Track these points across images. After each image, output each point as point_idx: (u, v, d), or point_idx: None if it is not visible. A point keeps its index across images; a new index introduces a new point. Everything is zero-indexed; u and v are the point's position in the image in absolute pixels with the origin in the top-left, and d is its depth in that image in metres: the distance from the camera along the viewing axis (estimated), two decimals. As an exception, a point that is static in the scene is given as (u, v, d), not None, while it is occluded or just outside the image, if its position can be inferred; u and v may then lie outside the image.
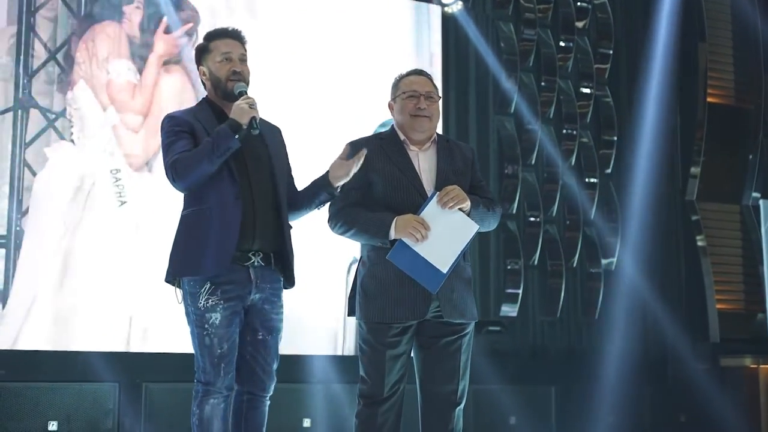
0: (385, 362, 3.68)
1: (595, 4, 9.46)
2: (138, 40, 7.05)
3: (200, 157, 3.49)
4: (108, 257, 6.77)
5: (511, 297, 8.53)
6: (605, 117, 9.34)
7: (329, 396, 6.78)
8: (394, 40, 8.14)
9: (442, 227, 3.60)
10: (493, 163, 8.68)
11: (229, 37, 3.73)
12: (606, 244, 9.13)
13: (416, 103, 3.81)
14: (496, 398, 7.62)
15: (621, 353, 8.89)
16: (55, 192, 6.65)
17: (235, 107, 3.50)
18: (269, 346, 3.66)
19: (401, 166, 3.76)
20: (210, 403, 3.53)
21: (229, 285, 3.53)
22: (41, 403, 6.17)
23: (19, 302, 6.45)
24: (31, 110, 6.65)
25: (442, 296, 3.66)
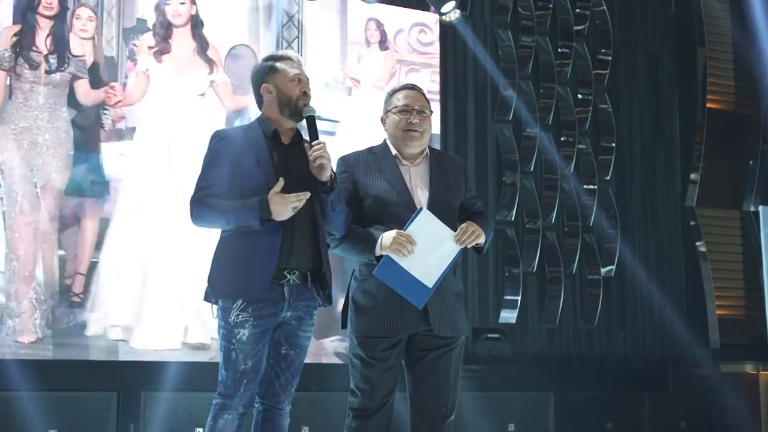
0: (375, 376, 3.69)
1: (593, 10, 9.46)
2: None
3: (219, 215, 3.58)
4: (110, 264, 6.80)
5: (510, 304, 8.53)
6: (604, 123, 9.35)
7: (327, 404, 6.77)
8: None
9: (428, 243, 3.60)
10: (491, 171, 8.69)
11: (294, 61, 3.82)
12: (605, 250, 9.13)
13: (408, 118, 3.81)
14: (495, 405, 7.60)
15: (620, 360, 8.90)
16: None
17: (280, 203, 3.50)
18: (291, 362, 3.68)
19: (392, 181, 3.77)
20: (224, 417, 3.57)
21: (262, 303, 3.56)
22: (40, 412, 6.16)
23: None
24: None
25: (432, 310, 3.66)
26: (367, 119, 7.54)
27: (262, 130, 3.75)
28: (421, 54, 8.27)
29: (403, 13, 8.25)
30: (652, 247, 9.46)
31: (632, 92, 9.66)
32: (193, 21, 7.26)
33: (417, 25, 8.29)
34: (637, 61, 9.72)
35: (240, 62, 7.35)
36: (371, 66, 7.98)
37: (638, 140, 9.58)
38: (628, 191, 9.44)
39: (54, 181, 6.67)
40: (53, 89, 6.73)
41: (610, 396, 8.20)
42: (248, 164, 3.62)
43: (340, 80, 7.82)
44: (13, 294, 6.48)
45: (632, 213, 9.42)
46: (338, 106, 7.66)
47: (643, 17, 9.82)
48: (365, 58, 7.96)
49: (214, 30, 7.32)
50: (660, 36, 9.89)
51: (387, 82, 7.94)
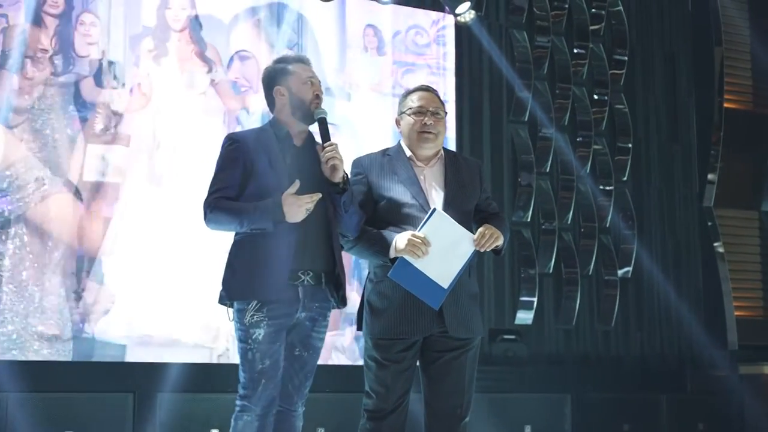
0: (390, 378, 3.69)
1: (609, 11, 9.44)
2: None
3: (233, 218, 3.59)
4: (128, 265, 6.83)
5: (526, 305, 8.51)
6: (620, 124, 9.32)
7: (343, 405, 6.77)
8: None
9: (443, 243, 3.59)
10: (507, 171, 8.67)
11: (306, 63, 3.83)
12: (622, 251, 9.10)
13: (423, 119, 3.81)
14: (511, 406, 7.60)
15: (638, 361, 8.87)
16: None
17: (294, 204, 3.52)
18: (305, 363, 3.69)
19: (407, 183, 3.76)
20: (243, 419, 3.58)
21: (276, 303, 3.57)
22: (56, 413, 6.19)
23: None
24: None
25: (447, 312, 3.66)
26: (366, 124, 7.64)
27: (275, 133, 3.75)
28: (418, 56, 8.24)
29: (400, 16, 8.21)
30: (669, 247, 9.42)
31: (649, 92, 9.62)
32: (192, 25, 7.26)
33: (413, 28, 8.26)
34: (654, 61, 9.68)
35: (248, 63, 7.36)
36: (369, 71, 7.96)
37: (655, 140, 9.54)
38: (645, 192, 9.41)
39: (66, 181, 6.69)
40: (59, 89, 6.75)
41: (627, 397, 8.18)
42: (261, 166, 3.63)
43: (339, 86, 7.80)
44: (29, 295, 6.50)
45: (649, 214, 9.39)
46: (338, 111, 7.64)
47: (660, 17, 9.78)
48: (362, 63, 7.94)
49: (214, 34, 7.34)
50: (676, 36, 9.85)
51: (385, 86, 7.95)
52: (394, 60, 8.10)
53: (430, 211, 3.62)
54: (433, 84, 4.59)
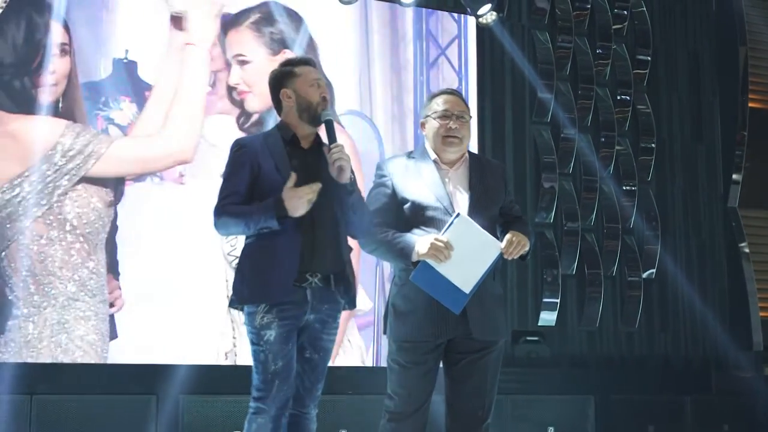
0: (413, 381, 3.69)
1: (633, 12, 9.40)
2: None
3: (239, 221, 3.60)
4: (147, 267, 6.84)
5: (550, 306, 8.49)
6: (644, 124, 9.28)
7: (365, 407, 6.78)
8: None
9: (466, 248, 3.58)
10: (530, 173, 8.66)
11: (312, 66, 3.84)
12: (646, 252, 9.06)
13: (447, 123, 3.80)
14: (534, 408, 7.58)
15: (662, 362, 8.82)
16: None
17: (294, 197, 3.52)
18: (315, 365, 3.69)
19: (431, 186, 3.75)
20: (257, 422, 3.58)
21: (286, 305, 3.58)
22: (79, 416, 6.22)
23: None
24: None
25: (471, 314, 3.65)
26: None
27: (282, 136, 3.76)
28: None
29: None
30: (693, 248, 9.37)
31: (672, 92, 9.57)
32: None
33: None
34: (677, 60, 9.63)
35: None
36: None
37: (679, 141, 9.49)
38: (669, 192, 9.36)
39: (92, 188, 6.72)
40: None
41: (652, 399, 8.13)
42: (268, 170, 3.64)
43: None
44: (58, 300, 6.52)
45: (673, 214, 9.34)
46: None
47: (683, 16, 9.73)
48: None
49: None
50: (700, 35, 9.79)
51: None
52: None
53: (454, 216, 3.61)
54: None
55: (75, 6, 6.82)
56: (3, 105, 6.50)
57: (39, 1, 6.71)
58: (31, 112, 6.53)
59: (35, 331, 6.42)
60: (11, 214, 6.39)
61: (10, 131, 6.45)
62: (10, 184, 6.39)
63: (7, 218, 6.37)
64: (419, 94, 7.99)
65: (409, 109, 7.95)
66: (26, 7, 6.65)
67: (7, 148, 6.43)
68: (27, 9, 6.64)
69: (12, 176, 6.38)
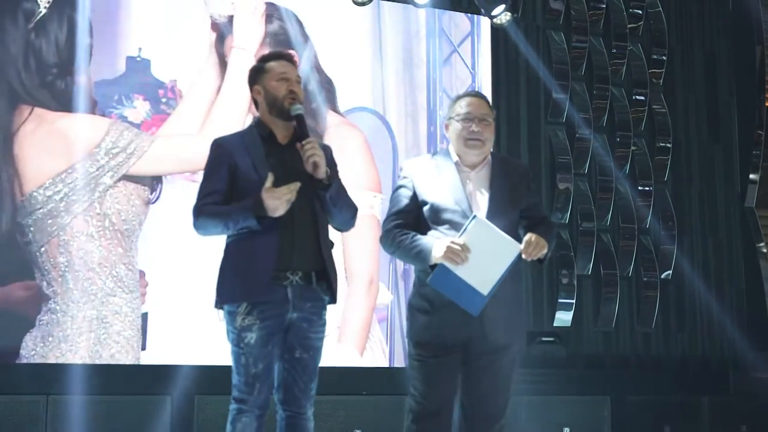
0: (432, 376, 3.69)
1: (648, 12, 9.37)
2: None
3: (218, 221, 3.60)
4: (164, 267, 6.88)
5: (565, 307, 8.47)
6: (660, 124, 9.25)
7: (380, 408, 6.79)
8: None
9: (483, 250, 3.56)
10: (545, 173, 8.65)
11: (284, 59, 3.81)
12: (662, 252, 9.03)
13: (470, 126, 3.79)
14: (550, 409, 7.56)
15: (679, 363, 8.79)
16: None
17: (273, 197, 3.50)
18: (306, 365, 3.66)
19: (451, 188, 3.76)
20: (242, 421, 3.58)
21: (266, 305, 3.56)
22: (95, 417, 6.26)
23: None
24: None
25: (487, 315, 3.65)
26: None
27: (258, 133, 3.76)
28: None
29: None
30: (710, 248, 9.34)
31: (689, 92, 9.54)
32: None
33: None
34: (694, 60, 9.60)
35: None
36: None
37: (695, 140, 9.46)
38: (686, 192, 9.33)
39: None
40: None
41: (668, 399, 8.09)
42: (245, 169, 3.63)
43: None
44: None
45: (690, 214, 9.31)
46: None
47: (699, 16, 9.70)
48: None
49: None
50: (717, 34, 9.75)
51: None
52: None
53: (471, 218, 3.61)
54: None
55: (93, 4, 6.90)
56: (48, 104, 6.62)
57: (75, 1, 6.82)
58: (74, 110, 6.67)
59: (74, 326, 6.49)
60: (52, 210, 6.49)
61: (56, 129, 6.58)
62: (53, 180, 6.50)
63: (48, 214, 6.47)
64: (432, 91, 8.01)
65: (422, 107, 7.97)
66: (66, 7, 6.76)
67: (53, 145, 6.54)
68: (67, 9, 6.76)
69: (55, 173, 6.51)
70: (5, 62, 6.57)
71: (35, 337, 6.38)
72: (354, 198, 3.82)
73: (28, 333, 6.41)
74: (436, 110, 7.88)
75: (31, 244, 6.45)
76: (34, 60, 6.63)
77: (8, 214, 6.46)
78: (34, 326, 6.41)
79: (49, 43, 6.67)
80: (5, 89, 6.54)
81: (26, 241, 6.46)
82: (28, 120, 6.51)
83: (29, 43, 6.63)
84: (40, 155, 6.50)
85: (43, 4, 6.66)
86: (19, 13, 6.61)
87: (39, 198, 6.50)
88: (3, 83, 6.53)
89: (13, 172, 6.46)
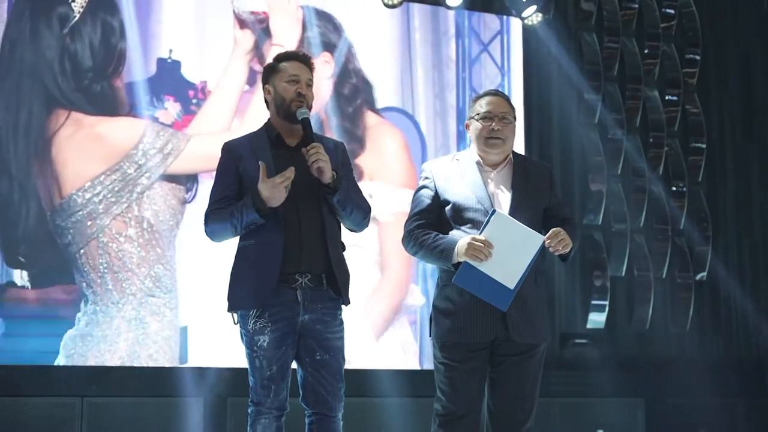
0: (458, 379, 3.68)
1: (682, 12, 9.31)
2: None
3: (225, 223, 3.60)
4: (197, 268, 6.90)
5: (598, 308, 8.44)
6: (693, 124, 9.18)
7: (404, 410, 6.80)
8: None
9: (506, 244, 3.56)
10: (577, 174, 8.61)
11: (299, 61, 3.75)
12: (697, 253, 8.97)
13: (490, 125, 3.79)
14: (583, 411, 7.55)
15: (714, 364, 8.72)
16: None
17: (267, 188, 3.50)
18: (329, 365, 3.65)
19: (473, 187, 3.75)
20: (261, 423, 3.59)
21: (277, 307, 3.56)
22: (128, 418, 6.31)
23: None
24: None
25: (511, 316, 3.64)
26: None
27: (267, 135, 3.74)
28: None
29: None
30: (746, 249, 9.26)
31: (723, 92, 9.47)
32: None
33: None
34: (728, 59, 9.52)
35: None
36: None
37: (730, 140, 9.39)
38: (720, 193, 9.25)
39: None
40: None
41: (703, 402, 8.04)
42: (253, 171, 3.59)
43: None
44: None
45: (724, 215, 9.24)
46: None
47: (733, 14, 9.62)
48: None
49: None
50: (751, 33, 9.67)
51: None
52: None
53: (490, 213, 3.60)
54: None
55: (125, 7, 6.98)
56: (84, 107, 6.72)
57: (110, 3, 6.91)
58: (109, 113, 6.78)
59: (113, 326, 6.56)
60: (92, 212, 6.60)
61: (96, 133, 6.69)
62: (92, 183, 6.61)
63: (88, 216, 6.58)
64: (461, 90, 8.03)
65: (451, 106, 7.99)
66: (99, 11, 6.85)
67: (92, 149, 6.66)
68: (100, 13, 6.85)
69: (93, 175, 6.62)
70: (42, 67, 6.66)
71: (75, 337, 6.47)
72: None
73: (67, 332, 6.50)
74: (465, 109, 7.85)
75: (71, 245, 6.55)
76: (70, 64, 6.73)
77: (46, 216, 6.56)
78: (74, 326, 6.50)
79: (84, 47, 6.76)
80: (42, 94, 6.65)
81: (65, 243, 6.55)
82: (65, 124, 6.61)
83: (65, 47, 6.72)
84: (78, 159, 6.60)
85: (77, 9, 6.74)
86: (54, 19, 6.70)
87: (78, 201, 6.59)
88: (40, 88, 6.64)
89: (50, 176, 6.56)
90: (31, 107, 6.59)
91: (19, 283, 6.47)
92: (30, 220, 6.51)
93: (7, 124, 6.54)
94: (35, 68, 6.63)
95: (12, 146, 6.52)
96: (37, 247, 6.54)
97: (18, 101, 6.59)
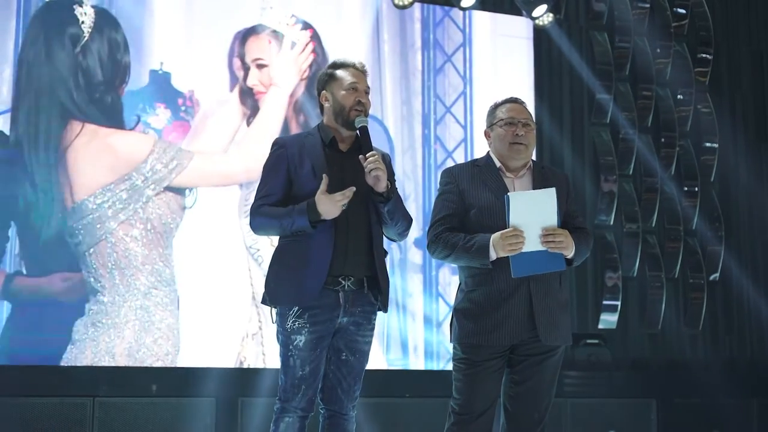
0: (477, 380, 3.70)
1: (693, 11, 9.29)
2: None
3: (274, 222, 3.62)
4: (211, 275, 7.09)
5: (610, 309, 8.43)
6: (705, 123, 9.16)
7: (424, 410, 6.80)
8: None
9: (531, 217, 3.61)
10: (589, 174, 8.61)
11: (356, 69, 3.83)
12: (709, 253, 8.94)
13: (514, 130, 3.81)
14: (595, 411, 7.53)
15: (727, 365, 8.69)
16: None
17: (326, 203, 3.53)
18: (352, 367, 3.69)
19: (497, 193, 3.76)
20: (285, 421, 3.60)
21: (318, 309, 3.58)
22: (140, 418, 6.34)
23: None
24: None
25: (539, 318, 3.66)
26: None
27: (321, 137, 3.77)
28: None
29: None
30: (758, 249, 9.23)
31: (735, 91, 9.45)
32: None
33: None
34: (740, 58, 9.50)
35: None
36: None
37: (742, 140, 9.35)
38: (733, 193, 9.22)
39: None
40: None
41: (716, 402, 8.00)
42: (304, 172, 3.65)
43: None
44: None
45: (737, 215, 9.21)
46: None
47: (745, 13, 9.59)
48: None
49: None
50: (763, 31, 9.64)
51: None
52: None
53: (505, 200, 3.62)
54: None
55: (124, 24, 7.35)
56: (96, 118, 7.12)
57: (113, 20, 7.28)
58: (118, 122, 7.20)
59: (120, 313, 6.86)
60: (101, 216, 6.98)
61: (108, 144, 7.13)
62: (102, 190, 7.03)
63: (97, 220, 6.98)
64: (427, 97, 8.26)
65: (417, 112, 8.23)
66: (104, 27, 7.24)
67: (104, 159, 7.10)
68: (106, 30, 7.25)
69: (104, 184, 7.06)
70: (58, 82, 7.07)
71: (86, 323, 6.82)
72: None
73: (79, 319, 6.81)
74: (430, 115, 8.21)
75: (81, 244, 6.94)
76: (83, 79, 7.14)
77: (59, 217, 6.91)
78: (84, 314, 6.82)
79: (95, 62, 7.18)
80: (58, 107, 7.05)
81: (76, 242, 6.94)
82: (81, 134, 7.04)
83: (78, 64, 7.14)
84: (91, 167, 7.03)
85: (86, 29, 7.16)
86: (66, 39, 7.13)
87: (89, 205, 6.96)
88: (56, 101, 7.06)
89: (65, 181, 6.96)
90: (49, 121, 7.01)
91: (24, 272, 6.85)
92: (52, 222, 6.93)
93: (28, 136, 6.97)
94: (51, 85, 7.05)
95: (34, 157, 6.95)
96: (50, 246, 6.92)
97: (37, 117, 7.01)
